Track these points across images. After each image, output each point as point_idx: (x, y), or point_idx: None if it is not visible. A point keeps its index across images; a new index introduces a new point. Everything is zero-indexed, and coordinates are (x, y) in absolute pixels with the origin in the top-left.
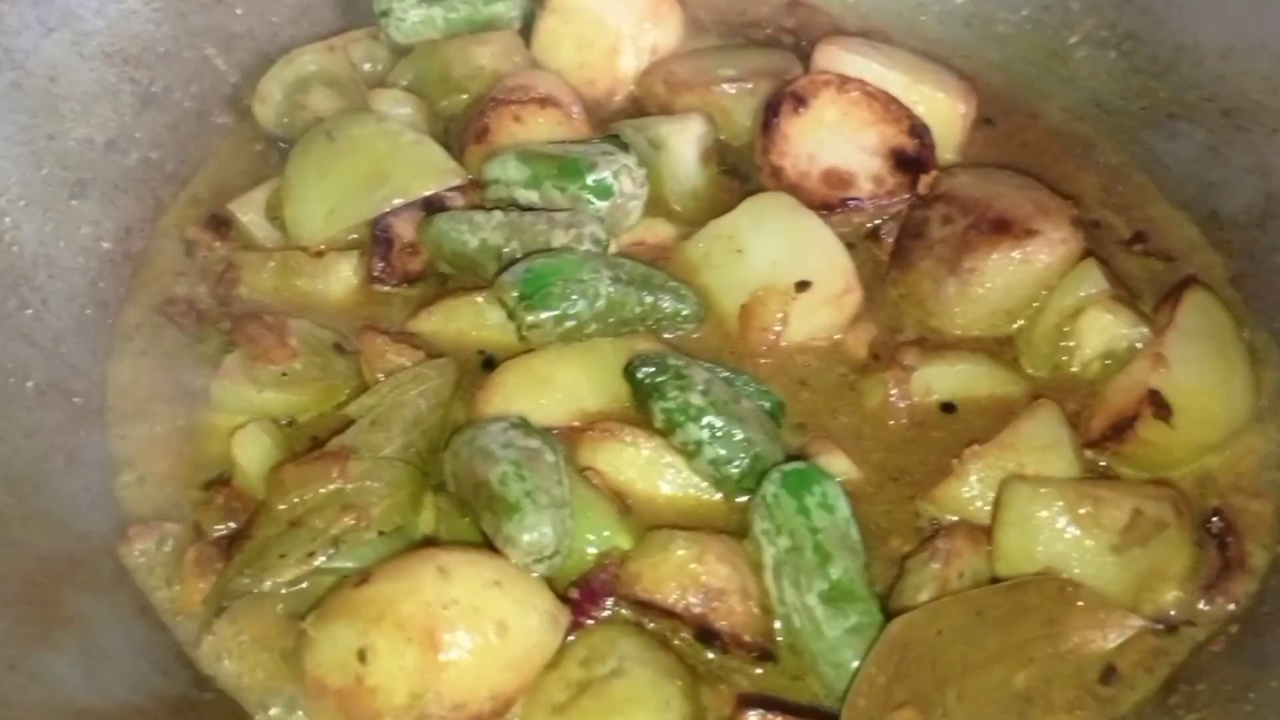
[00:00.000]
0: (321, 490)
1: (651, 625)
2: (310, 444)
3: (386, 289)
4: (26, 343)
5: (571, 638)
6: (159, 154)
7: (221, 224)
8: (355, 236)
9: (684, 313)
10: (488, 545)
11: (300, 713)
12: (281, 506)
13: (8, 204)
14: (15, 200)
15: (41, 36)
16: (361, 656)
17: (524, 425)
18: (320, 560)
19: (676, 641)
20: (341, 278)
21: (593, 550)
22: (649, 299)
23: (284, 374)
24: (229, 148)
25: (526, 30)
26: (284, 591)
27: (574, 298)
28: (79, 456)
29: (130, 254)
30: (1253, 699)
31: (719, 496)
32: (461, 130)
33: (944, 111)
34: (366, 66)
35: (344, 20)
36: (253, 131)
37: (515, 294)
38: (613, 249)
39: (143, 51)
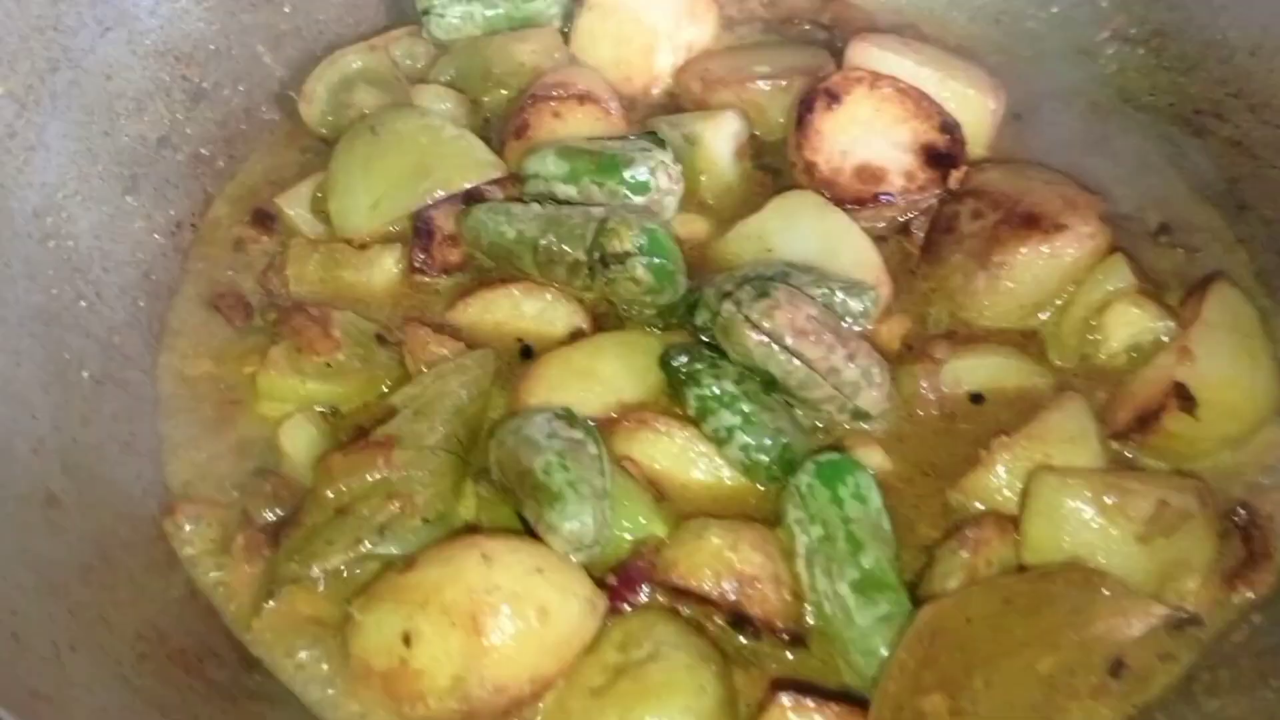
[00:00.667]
0: (367, 479)
1: (686, 611)
2: (355, 433)
3: (427, 280)
4: (82, 334)
5: (609, 623)
6: (209, 149)
7: (268, 217)
8: (398, 229)
9: None
10: (528, 533)
11: (346, 694)
12: (328, 494)
13: (64, 199)
14: (71, 195)
15: (98, 36)
16: (406, 640)
17: (568, 416)
18: (366, 547)
19: (710, 627)
20: (384, 269)
21: (629, 538)
22: None
23: (328, 365)
24: (276, 143)
25: (566, 28)
26: (331, 577)
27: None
28: (132, 444)
29: (180, 247)
30: (1274, 685)
31: (752, 485)
32: (502, 125)
33: (974, 107)
34: (408, 63)
35: (388, 17)
36: (299, 127)
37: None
38: None
39: (194, 50)
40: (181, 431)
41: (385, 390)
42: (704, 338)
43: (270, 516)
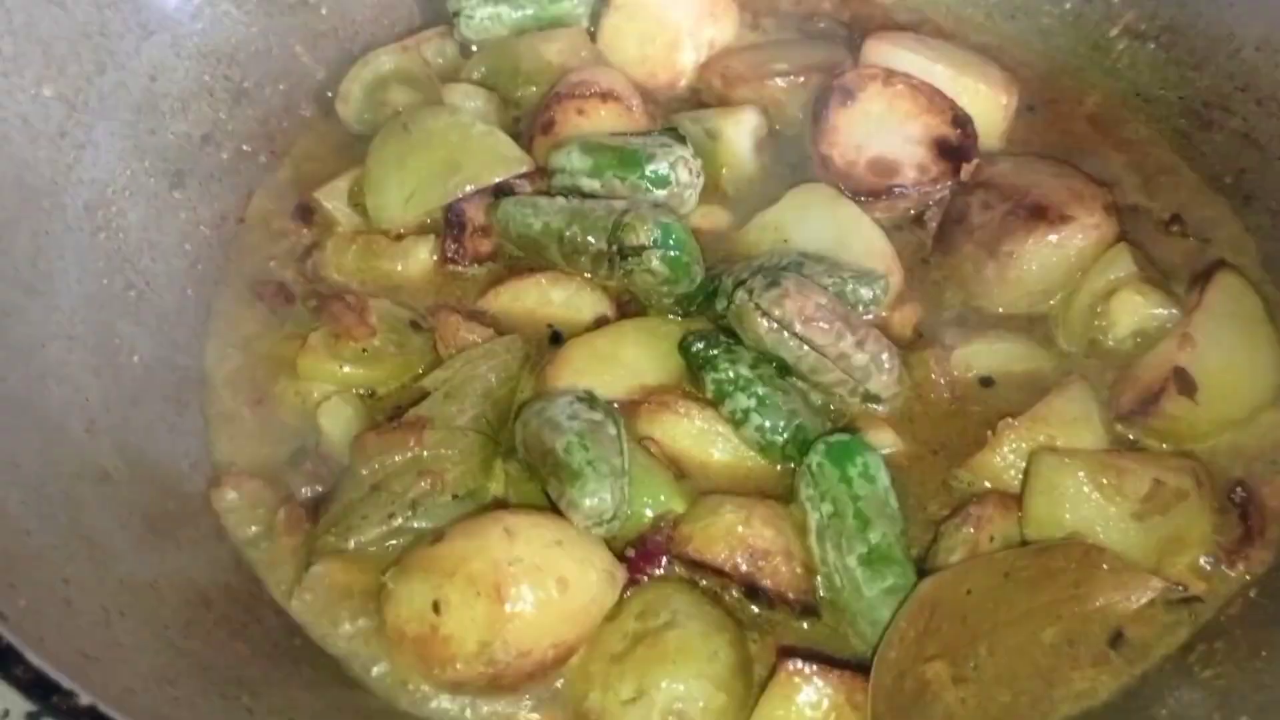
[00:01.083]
0: (400, 457)
1: (702, 583)
2: (390, 414)
3: (459, 269)
4: (132, 321)
5: (628, 594)
6: (250, 146)
7: (308, 210)
8: (431, 221)
9: None
10: (552, 509)
11: (381, 658)
12: (364, 472)
13: (114, 194)
14: (121, 191)
15: (143, 39)
16: (436, 608)
17: (589, 398)
18: (399, 521)
19: (725, 598)
20: (418, 259)
21: (649, 513)
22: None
23: (364, 350)
24: (314, 139)
25: (593, 27)
26: (366, 549)
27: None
28: (179, 425)
29: (225, 239)
30: (1265, 656)
31: (765, 463)
32: (529, 122)
33: (987, 102)
34: (439, 63)
35: (421, 17)
36: (336, 124)
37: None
38: None
39: (235, 51)
40: (226, 412)
41: (419, 374)
42: (722, 323)
43: (310, 492)
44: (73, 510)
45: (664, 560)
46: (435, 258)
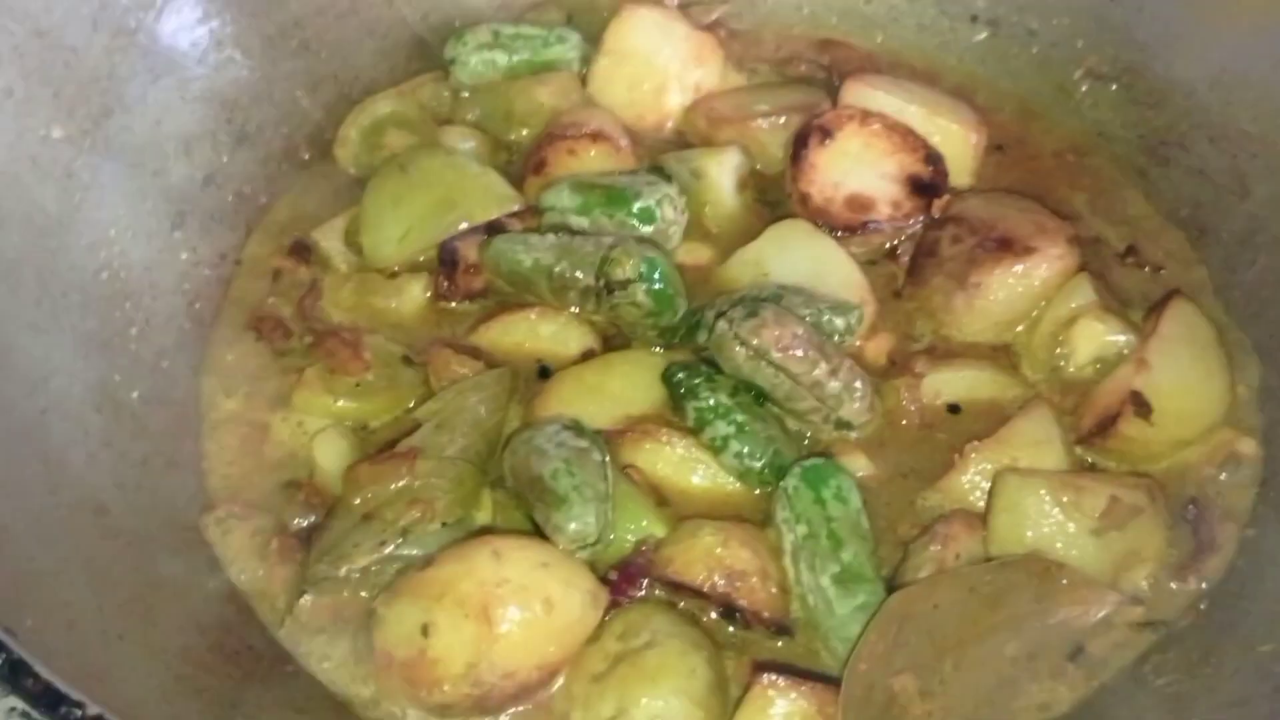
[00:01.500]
0: (392, 486)
1: (681, 604)
2: (382, 446)
3: (452, 305)
4: (132, 358)
5: (610, 615)
6: (251, 188)
7: (305, 250)
8: (425, 258)
9: None
10: (538, 534)
11: (369, 683)
12: (356, 501)
13: (117, 234)
14: (124, 230)
15: (149, 84)
16: (424, 631)
17: (576, 427)
18: (390, 548)
19: (704, 619)
20: (412, 296)
21: (630, 538)
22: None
23: (358, 384)
24: (312, 181)
25: (584, 71)
26: (357, 576)
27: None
28: (176, 459)
29: (223, 278)
30: (1214, 663)
31: (744, 489)
32: (522, 162)
33: (957, 141)
34: (435, 106)
35: (417, 63)
36: (333, 166)
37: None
38: None
39: (239, 95)
40: (222, 446)
41: (410, 408)
42: (704, 355)
43: (302, 523)
44: (73, 538)
45: (644, 582)
46: (429, 294)
